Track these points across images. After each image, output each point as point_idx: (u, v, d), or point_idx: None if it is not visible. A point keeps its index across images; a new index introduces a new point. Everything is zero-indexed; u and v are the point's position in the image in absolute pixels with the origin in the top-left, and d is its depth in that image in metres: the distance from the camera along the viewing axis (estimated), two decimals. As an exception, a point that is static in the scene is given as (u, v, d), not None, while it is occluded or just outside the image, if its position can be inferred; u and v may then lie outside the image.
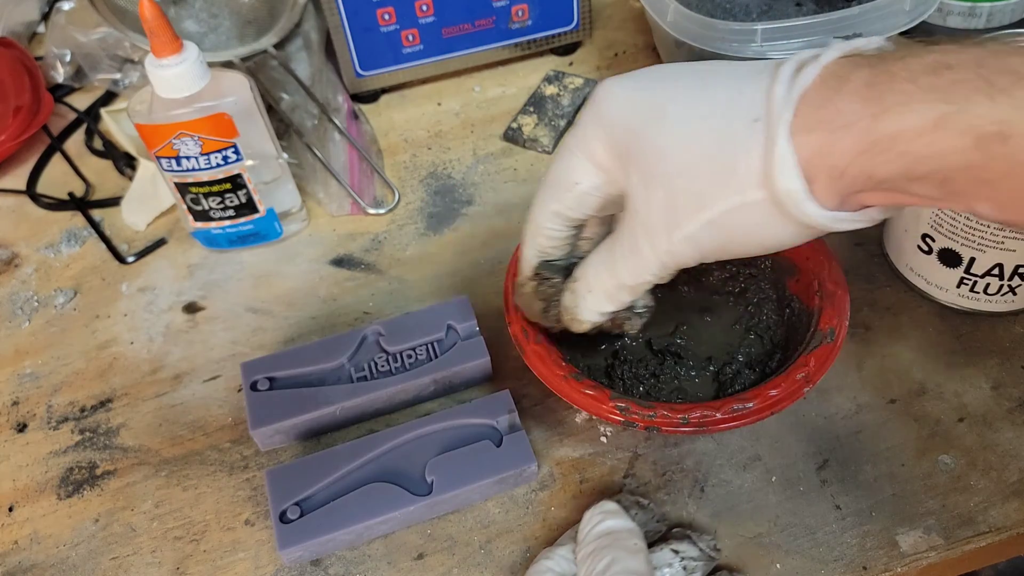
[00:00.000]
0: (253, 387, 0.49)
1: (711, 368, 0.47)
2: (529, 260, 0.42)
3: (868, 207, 0.32)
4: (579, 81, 0.70)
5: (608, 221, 0.41)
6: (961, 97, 0.26)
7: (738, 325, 0.50)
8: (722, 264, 0.51)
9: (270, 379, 0.49)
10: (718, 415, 0.40)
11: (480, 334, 0.50)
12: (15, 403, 0.54)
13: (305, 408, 0.48)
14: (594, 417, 0.49)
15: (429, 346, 0.50)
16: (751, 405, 0.41)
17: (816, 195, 0.30)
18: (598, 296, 0.39)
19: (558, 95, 0.69)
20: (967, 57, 0.27)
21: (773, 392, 0.41)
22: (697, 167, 0.32)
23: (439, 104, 0.71)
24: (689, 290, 0.52)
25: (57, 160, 0.71)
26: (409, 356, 0.50)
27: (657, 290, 0.52)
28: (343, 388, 0.49)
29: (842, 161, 0.29)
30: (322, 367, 0.50)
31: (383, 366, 0.50)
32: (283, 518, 0.44)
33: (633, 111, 0.35)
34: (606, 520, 0.39)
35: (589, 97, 0.38)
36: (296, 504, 0.44)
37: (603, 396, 0.41)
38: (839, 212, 0.31)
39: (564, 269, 0.42)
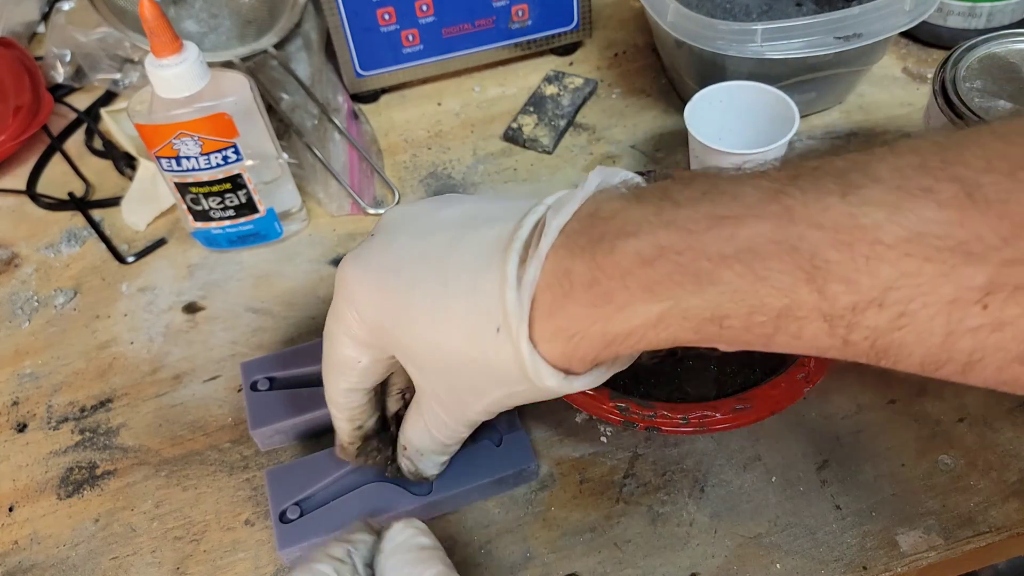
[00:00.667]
0: (253, 387, 0.49)
1: (711, 368, 0.47)
2: (346, 432, 0.44)
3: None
4: (579, 81, 0.70)
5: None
6: (671, 294, 0.28)
7: None
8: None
9: (270, 379, 0.49)
10: (718, 415, 0.40)
11: None
12: (15, 403, 0.54)
13: (305, 408, 0.48)
14: (594, 417, 0.49)
15: None
16: (751, 405, 0.41)
17: (574, 371, 0.33)
18: (430, 456, 0.43)
19: (558, 95, 0.69)
20: (668, 245, 0.28)
21: (774, 392, 0.41)
22: (462, 367, 0.34)
23: (439, 104, 0.71)
24: None
25: (57, 160, 0.71)
26: None
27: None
28: None
29: (588, 355, 0.32)
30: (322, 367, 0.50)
31: None
32: (283, 518, 0.44)
33: (379, 312, 0.36)
34: (421, 536, 0.39)
35: (336, 279, 0.39)
36: (296, 504, 0.44)
37: (603, 396, 0.41)
38: (597, 371, 0.34)
39: (378, 431, 0.45)
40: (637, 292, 0.29)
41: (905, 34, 0.68)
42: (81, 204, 0.66)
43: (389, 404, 0.45)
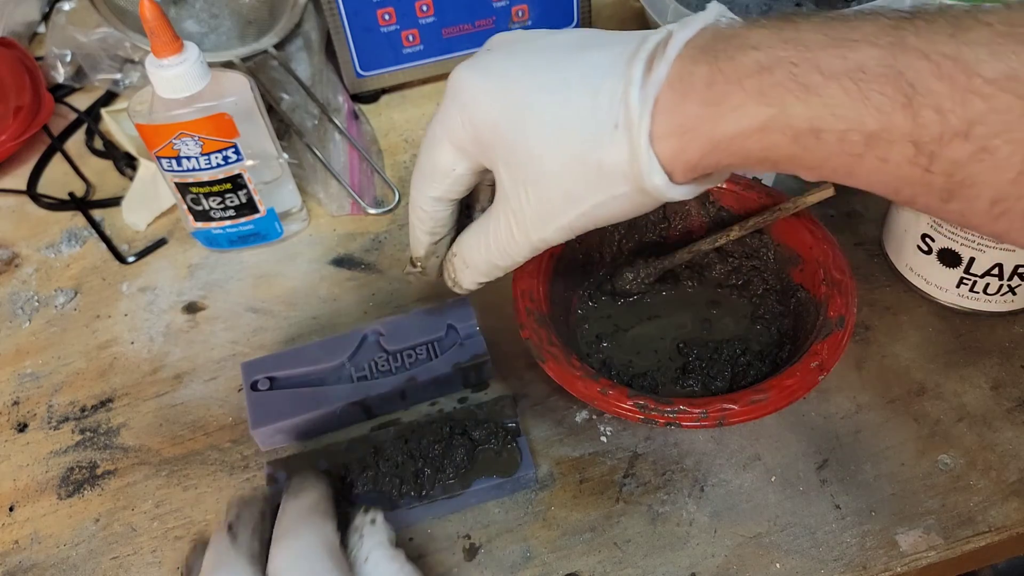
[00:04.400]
0: (253, 387, 0.49)
1: (723, 361, 0.48)
2: (421, 241, 0.45)
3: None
4: (579, 81, 0.70)
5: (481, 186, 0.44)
6: (781, 100, 0.30)
7: (745, 317, 0.50)
8: (724, 258, 0.52)
9: (270, 379, 0.49)
10: (736, 407, 0.40)
11: (480, 334, 0.50)
12: (16, 403, 0.54)
13: (305, 408, 0.48)
14: (594, 417, 0.49)
15: (429, 346, 0.50)
16: (768, 396, 0.41)
17: (676, 180, 0.34)
18: (474, 271, 0.43)
19: (558, 95, 0.69)
20: (785, 56, 0.30)
21: (789, 382, 0.41)
22: (566, 169, 0.35)
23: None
24: (694, 285, 0.52)
25: (58, 160, 0.71)
26: (409, 356, 0.50)
27: (662, 287, 0.52)
28: (343, 388, 0.49)
29: (693, 158, 0.33)
30: (322, 367, 0.50)
31: (383, 366, 0.50)
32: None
33: (496, 111, 0.37)
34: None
35: (448, 84, 0.39)
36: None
37: (621, 395, 0.41)
38: (688, 185, 0.35)
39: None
40: (751, 94, 0.30)
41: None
42: (82, 204, 0.66)
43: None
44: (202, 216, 0.58)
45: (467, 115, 0.38)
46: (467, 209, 0.45)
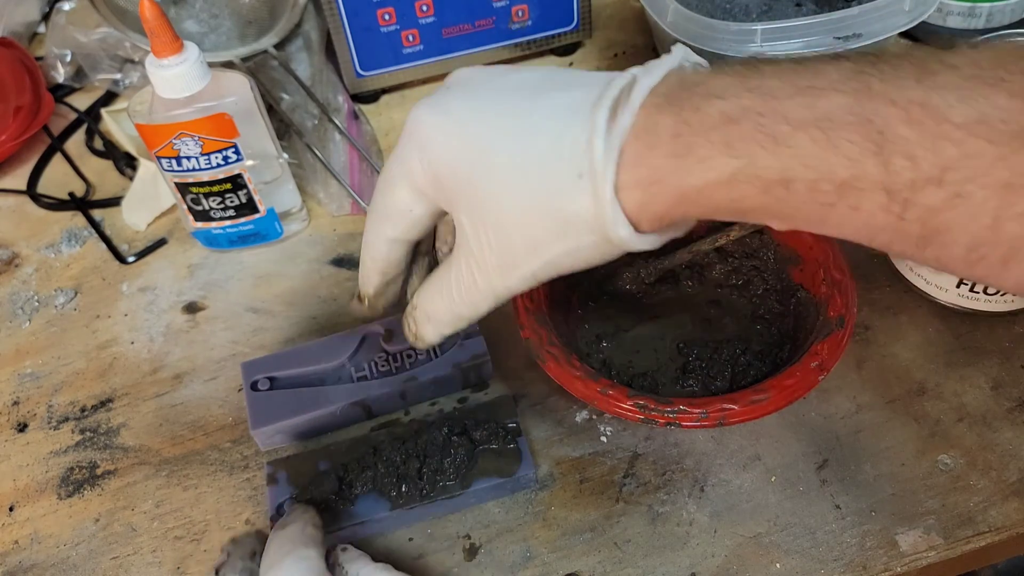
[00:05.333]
0: (253, 387, 0.49)
1: (723, 361, 0.48)
2: (372, 281, 0.43)
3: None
4: (579, 81, 0.70)
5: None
6: (748, 151, 0.30)
7: (745, 317, 0.50)
8: (724, 258, 0.52)
9: (270, 379, 0.49)
10: (736, 407, 0.40)
11: (480, 333, 0.50)
12: (15, 403, 0.54)
13: (305, 408, 0.48)
14: (594, 417, 0.49)
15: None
16: (768, 396, 0.41)
17: (643, 230, 0.34)
18: (437, 324, 0.41)
19: (558, 95, 0.69)
20: (751, 106, 0.30)
21: (789, 382, 0.41)
22: (528, 217, 0.35)
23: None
24: (694, 285, 0.52)
25: (58, 160, 0.71)
26: (409, 356, 0.50)
27: (662, 288, 0.52)
28: (343, 388, 0.49)
29: (660, 209, 0.33)
30: (323, 367, 0.50)
31: (383, 366, 0.50)
32: (280, 511, 0.44)
33: (456, 153, 0.36)
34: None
35: (406, 123, 0.38)
36: (293, 499, 0.45)
37: (621, 395, 0.41)
38: (654, 234, 0.35)
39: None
40: (718, 146, 0.30)
41: (904, 34, 0.68)
42: (82, 204, 0.66)
43: (414, 277, 0.45)
44: (202, 216, 0.58)
45: (426, 156, 0.37)
46: (430, 252, 0.44)
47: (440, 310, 0.40)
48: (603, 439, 0.48)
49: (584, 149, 0.32)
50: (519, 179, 0.34)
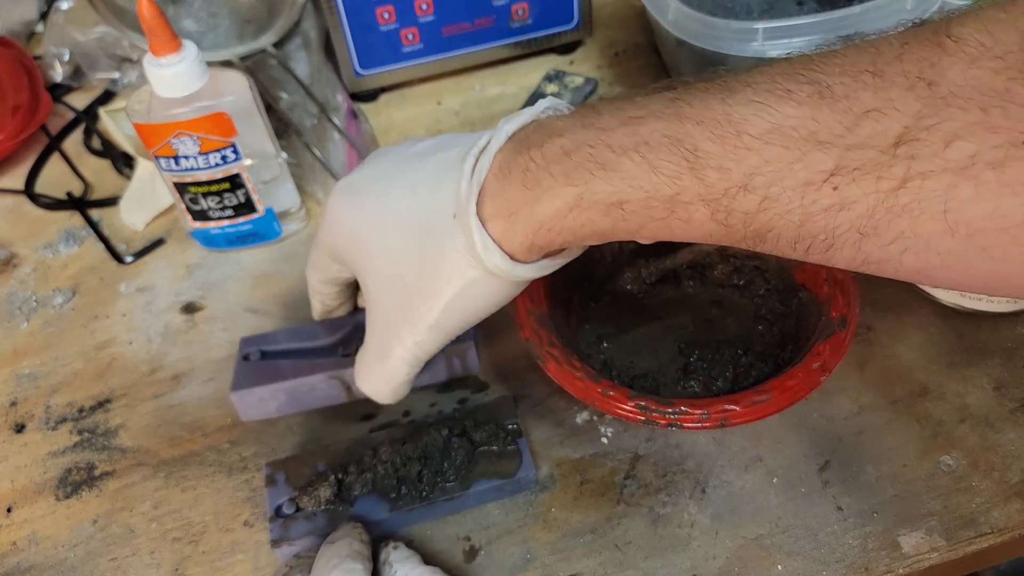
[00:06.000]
0: (245, 358, 0.50)
1: (725, 361, 0.47)
2: (316, 309, 0.51)
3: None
4: (579, 80, 0.70)
5: None
6: (584, 179, 0.33)
7: (747, 317, 0.50)
8: (725, 257, 0.51)
9: (263, 352, 0.51)
10: (738, 408, 0.40)
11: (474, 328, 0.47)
12: (13, 403, 0.54)
13: (284, 376, 0.49)
14: (595, 418, 0.49)
15: None
16: (770, 397, 0.40)
17: (519, 259, 0.37)
18: (380, 396, 0.45)
19: (558, 94, 0.69)
20: (584, 139, 0.34)
21: (791, 383, 0.41)
22: (419, 264, 0.38)
23: (439, 103, 0.71)
24: (695, 285, 0.52)
25: (55, 160, 0.71)
26: None
27: (663, 288, 0.52)
28: (326, 361, 0.49)
29: (525, 239, 0.36)
30: (315, 344, 0.51)
31: None
32: (279, 512, 0.44)
33: (354, 221, 0.41)
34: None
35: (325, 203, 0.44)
36: (291, 500, 0.44)
37: (622, 396, 0.41)
38: (543, 261, 0.38)
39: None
40: (558, 177, 0.34)
41: (906, 33, 0.68)
42: (79, 204, 0.66)
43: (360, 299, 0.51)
44: (200, 216, 0.58)
45: (333, 228, 0.42)
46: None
47: (375, 385, 0.44)
48: (604, 440, 0.48)
49: (455, 193, 0.37)
50: (408, 228, 0.39)
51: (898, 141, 0.27)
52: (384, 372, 0.43)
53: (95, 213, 0.65)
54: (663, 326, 0.50)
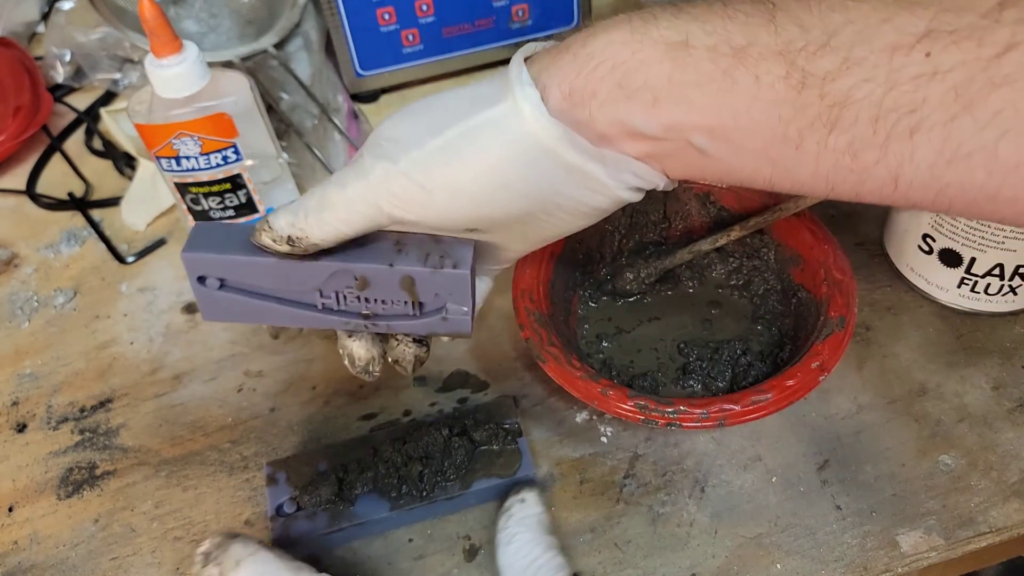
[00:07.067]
0: (200, 280, 0.39)
1: (724, 361, 0.48)
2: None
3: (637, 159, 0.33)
4: (579, 81, 0.70)
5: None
6: (647, 23, 0.30)
7: (746, 317, 0.50)
8: (725, 258, 0.52)
9: (221, 281, 0.39)
10: (737, 407, 0.40)
11: (468, 265, 0.38)
12: (15, 403, 0.54)
13: (244, 249, 0.38)
14: (594, 417, 0.49)
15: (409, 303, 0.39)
16: (769, 396, 0.41)
17: (553, 111, 0.31)
18: (330, 210, 0.34)
19: (558, 95, 0.69)
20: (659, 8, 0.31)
21: (790, 383, 0.41)
22: (439, 104, 0.34)
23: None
24: (695, 285, 0.52)
25: (57, 160, 0.71)
26: (384, 304, 0.39)
27: (662, 288, 0.52)
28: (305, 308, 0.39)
29: (566, 79, 0.31)
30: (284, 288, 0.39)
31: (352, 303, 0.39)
32: (280, 511, 0.44)
33: (398, 125, 0.34)
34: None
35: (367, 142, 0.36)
36: (292, 499, 0.44)
37: (621, 395, 0.41)
38: (605, 151, 0.32)
39: None
40: (617, 23, 0.31)
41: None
42: (81, 204, 0.66)
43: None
44: (201, 216, 0.58)
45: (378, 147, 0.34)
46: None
47: (311, 213, 0.34)
48: (603, 440, 0.48)
49: (501, 84, 0.32)
50: (443, 105, 0.34)
51: (1003, 3, 0.24)
52: (337, 201, 0.33)
53: (96, 213, 0.66)
54: (662, 326, 0.51)
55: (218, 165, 0.55)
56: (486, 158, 0.32)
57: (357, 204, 0.34)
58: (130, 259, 0.62)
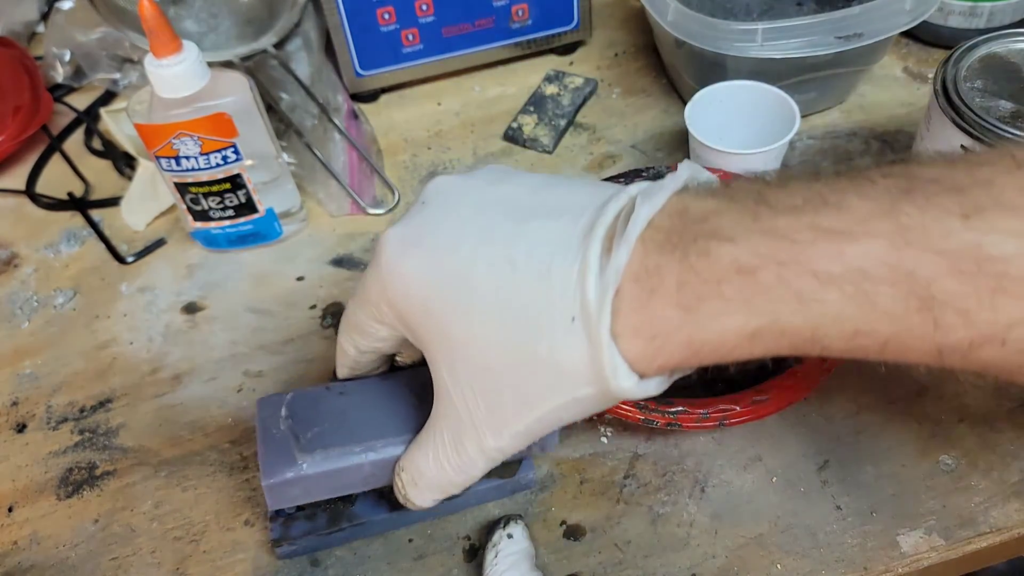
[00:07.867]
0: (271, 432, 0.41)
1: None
2: (342, 372, 0.42)
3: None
4: (579, 80, 0.70)
5: None
6: (771, 309, 0.26)
7: None
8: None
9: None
10: (738, 408, 0.40)
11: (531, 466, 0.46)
12: (14, 403, 0.54)
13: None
14: (594, 417, 0.49)
15: None
16: (769, 397, 0.41)
17: (647, 376, 0.30)
18: (426, 491, 0.38)
19: (558, 95, 0.69)
20: (768, 254, 0.26)
21: (790, 383, 0.41)
22: (516, 365, 0.31)
23: (439, 104, 0.71)
24: None
25: (56, 160, 0.71)
26: None
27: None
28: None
29: (670, 362, 0.29)
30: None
31: None
32: (280, 511, 0.44)
33: (427, 288, 0.32)
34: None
35: (374, 252, 0.34)
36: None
37: None
38: (659, 378, 0.31)
39: None
40: (734, 302, 0.27)
41: (906, 34, 0.68)
42: (80, 204, 0.66)
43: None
44: (201, 216, 0.58)
45: (387, 295, 0.33)
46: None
47: (431, 480, 0.37)
48: (603, 440, 0.48)
49: (575, 288, 0.29)
50: (503, 320, 0.30)
51: None
52: (444, 473, 0.36)
53: (96, 213, 0.66)
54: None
55: (218, 165, 0.55)
56: (571, 418, 0.32)
57: (474, 471, 0.36)
58: (130, 259, 0.62)
